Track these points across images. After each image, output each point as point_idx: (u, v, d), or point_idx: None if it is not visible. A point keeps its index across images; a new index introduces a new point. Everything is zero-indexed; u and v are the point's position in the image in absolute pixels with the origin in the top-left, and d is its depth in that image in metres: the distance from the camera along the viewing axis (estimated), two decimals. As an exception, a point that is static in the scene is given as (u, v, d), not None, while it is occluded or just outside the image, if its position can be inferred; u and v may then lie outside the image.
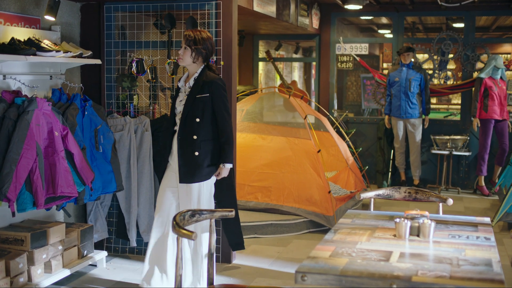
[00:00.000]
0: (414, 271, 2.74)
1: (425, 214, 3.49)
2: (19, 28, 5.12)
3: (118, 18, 6.04)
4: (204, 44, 4.73)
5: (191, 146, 4.71)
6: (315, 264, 2.83)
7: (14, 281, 4.65)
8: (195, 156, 4.71)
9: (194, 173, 4.71)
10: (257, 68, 11.80)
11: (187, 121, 4.73)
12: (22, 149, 4.62)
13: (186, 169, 4.72)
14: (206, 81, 4.73)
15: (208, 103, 4.72)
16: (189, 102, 4.72)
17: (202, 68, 4.80)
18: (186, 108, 4.73)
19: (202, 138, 4.72)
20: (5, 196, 4.52)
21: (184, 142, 4.74)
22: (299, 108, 7.87)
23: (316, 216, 6.93)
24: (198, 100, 4.70)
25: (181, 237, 3.31)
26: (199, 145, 4.71)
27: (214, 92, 4.73)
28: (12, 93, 4.85)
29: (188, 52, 4.72)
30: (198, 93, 4.71)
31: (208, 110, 4.72)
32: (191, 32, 4.74)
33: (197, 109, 4.71)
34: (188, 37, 4.72)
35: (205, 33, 4.79)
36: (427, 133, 9.58)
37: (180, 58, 4.76)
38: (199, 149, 4.71)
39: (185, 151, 4.73)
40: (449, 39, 9.85)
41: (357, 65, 11.05)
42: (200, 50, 4.72)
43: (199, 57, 4.74)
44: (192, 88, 4.75)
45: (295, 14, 9.12)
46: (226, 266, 5.80)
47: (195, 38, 4.70)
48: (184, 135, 4.74)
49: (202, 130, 4.71)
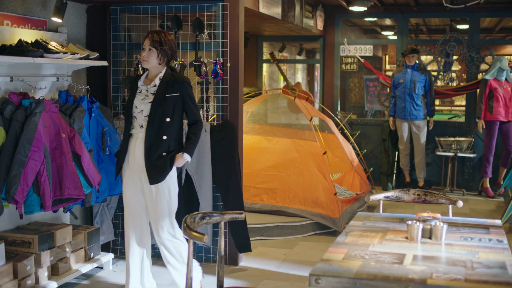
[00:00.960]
0: (428, 273, 2.72)
1: (437, 217, 3.47)
2: (26, 30, 5.11)
3: (124, 19, 6.03)
4: (169, 45, 4.67)
5: (160, 146, 4.59)
6: (328, 266, 2.81)
7: (22, 283, 4.63)
8: (163, 157, 4.60)
9: (163, 172, 4.60)
10: (261, 70, 11.79)
11: (155, 121, 4.60)
12: (30, 151, 4.61)
13: (154, 170, 4.60)
14: (175, 80, 4.65)
15: (179, 102, 4.65)
16: (157, 102, 4.61)
17: (166, 68, 4.74)
18: (154, 108, 4.61)
19: (172, 138, 4.64)
20: (12, 198, 4.51)
21: (151, 143, 4.61)
22: (305, 109, 7.86)
23: (322, 218, 6.91)
24: (169, 99, 4.61)
25: (191, 240, 3.30)
26: (168, 145, 4.62)
27: (184, 90, 4.66)
28: (19, 95, 4.84)
29: (154, 53, 4.64)
30: (168, 92, 4.62)
31: (178, 109, 4.66)
32: (156, 34, 4.65)
33: (168, 108, 4.61)
34: (153, 38, 4.63)
35: (169, 35, 4.73)
36: (431, 135, 9.57)
37: (145, 60, 4.66)
38: (168, 149, 4.62)
39: (153, 152, 4.60)
40: (453, 41, 9.84)
41: (360, 66, 11.04)
42: (166, 51, 4.66)
43: (164, 58, 4.68)
44: (160, 88, 4.65)
45: (300, 15, 9.11)
46: (233, 268, 5.78)
47: (160, 40, 4.63)
48: (151, 135, 4.61)
49: (172, 130, 4.63)
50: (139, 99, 4.68)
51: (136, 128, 4.68)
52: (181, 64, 5.76)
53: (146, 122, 4.62)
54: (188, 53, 5.95)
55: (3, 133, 4.56)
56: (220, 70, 5.67)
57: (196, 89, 5.94)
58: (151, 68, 4.72)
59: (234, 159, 5.68)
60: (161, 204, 4.68)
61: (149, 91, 4.67)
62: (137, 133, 4.68)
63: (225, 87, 5.75)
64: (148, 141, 4.59)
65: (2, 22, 4.89)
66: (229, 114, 5.76)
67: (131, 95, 4.76)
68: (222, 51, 5.73)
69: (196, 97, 5.87)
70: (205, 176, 5.67)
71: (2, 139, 4.55)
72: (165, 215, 4.70)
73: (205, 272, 5.60)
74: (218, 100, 5.80)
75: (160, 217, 4.69)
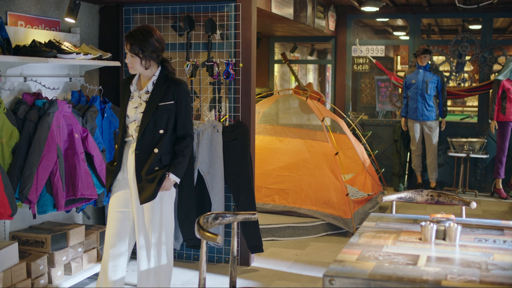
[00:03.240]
0: (443, 275, 2.71)
1: (451, 218, 3.46)
2: (39, 31, 5.13)
3: (136, 20, 6.05)
4: (151, 46, 4.10)
5: (151, 160, 4.13)
6: (342, 267, 2.80)
7: (35, 282, 4.65)
8: (155, 171, 4.14)
9: (154, 189, 4.13)
10: (272, 70, 11.79)
11: (147, 132, 4.14)
12: (43, 151, 4.63)
13: (145, 187, 4.14)
14: (170, 85, 4.18)
15: (173, 111, 4.17)
16: (149, 111, 4.13)
17: (160, 70, 4.24)
18: (146, 118, 4.13)
19: (164, 151, 4.17)
20: (26, 198, 4.53)
21: (142, 157, 4.15)
22: (316, 110, 7.85)
23: (334, 218, 6.90)
24: (162, 108, 4.14)
25: (204, 240, 3.30)
26: (159, 159, 4.15)
27: (179, 98, 4.18)
28: (33, 95, 4.86)
29: (137, 60, 4.13)
30: (161, 100, 4.15)
31: (172, 120, 4.18)
32: (132, 39, 4.09)
33: (161, 119, 4.14)
34: (132, 44, 4.09)
35: (147, 31, 4.12)
36: (444, 136, 9.53)
37: (130, 67, 4.17)
38: (160, 163, 4.15)
39: (143, 167, 4.15)
40: (466, 41, 9.80)
41: (372, 67, 11.01)
42: (149, 55, 4.12)
43: (150, 61, 4.15)
44: (152, 94, 4.17)
45: (312, 16, 9.10)
46: (244, 268, 5.78)
47: (140, 45, 4.08)
48: (142, 148, 4.15)
49: (164, 143, 4.16)
50: (131, 108, 4.23)
51: (129, 136, 4.25)
52: (194, 64, 5.77)
53: (137, 132, 4.18)
54: (200, 53, 5.96)
55: (17, 133, 4.58)
56: (232, 70, 5.67)
57: (208, 89, 5.95)
58: (141, 73, 4.25)
59: (246, 159, 5.68)
60: (149, 224, 4.23)
61: (142, 99, 4.21)
62: (129, 142, 4.25)
63: (237, 88, 5.75)
64: (139, 154, 4.15)
65: (16, 23, 4.92)
66: (241, 114, 5.76)
67: (123, 101, 4.29)
68: (235, 52, 5.73)
69: (208, 97, 5.89)
70: (217, 176, 5.67)
71: (15, 139, 4.57)
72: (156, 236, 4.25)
73: (217, 272, 5.62)
74: (230, 100, 5.80)
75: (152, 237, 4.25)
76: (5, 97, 4.74)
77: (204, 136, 5.66)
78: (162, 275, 4.33)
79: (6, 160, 4.52)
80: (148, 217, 4.23)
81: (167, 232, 4.31)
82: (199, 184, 5.73)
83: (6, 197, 4.20)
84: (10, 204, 4.23)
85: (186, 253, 5.99)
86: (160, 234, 4.27)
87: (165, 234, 4.30)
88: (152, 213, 4.22)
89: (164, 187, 4.17)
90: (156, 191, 4.14)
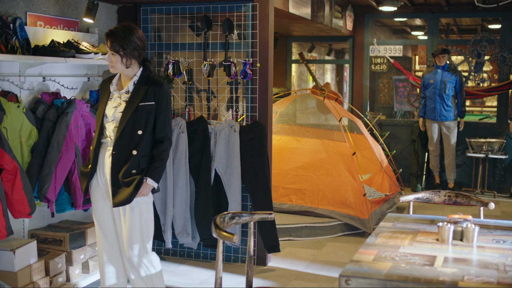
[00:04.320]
0: (459, 276, 2.70)
1: (468, 218, 3.44)
2: (58, 31, 5.17)
3: (154, 20, 6.07)
4: (132, 44, 4.05)
5: (129, 162, 4.04)
6: (358, 268, 2.80)
7: (53, 280, 4.69)
8: (132, 174, 4.04)
9: (131, 193, 4.04)
10: (290, 70, 11.79)
11: (125, 133, 4.04)
12: (61, 151, 4.67)
13: (120, 191, 4.05)
14: (150, 86, 4.10)
15: (152, 112, 4.08)
16: (129, 111, 4.05)
17: (142, 70, 4.19)
18: (125, 118, 4.04)
19: (142, 154, 4.07)
20: (44, 197, 4.58)
21: (119, 158, 4.06)
22: (334, 110, 7.84)
23: (351, 219, 6.89)
24: (142, 109, 4.05)
25: (221, 240, 3.31)
26: (137, 162, 4.05)
27: (160, 99, 4.09)
28: (51, 95, 4.91)
29: (117, 58, 4.07)
30: (142, 100, 4.05)
31: (152, 121, 4.08)
32: (113, 36, 4.05)
33: (140, 119, 4.04)
34: (112, 42, 4.04)
35: (128, 29, 4.08)
36: (462, 136, 9.47)
37: (111, 65, 4.12)
38: (138, 167, 4.05)
39: (120, 169, 4.05)
40: (485, 41, 9.72)
41: (390, 67, 10.97)
42: (130, 53, 4.07)
43: (131, 60, 4.10)
44: (133, 94, 4.09)
45: (330, 16, 9.09)
46: (261, 268, 5.78)
47: (120, 42, 4.02)
48: (120, 149, 4.06)
49: (143, 144, 4.06)
50: (110, 107, 4.14)
51: (106, 137, 4.16)
52: (211, 64, 5.78)
53: (115, 133, 4.09)
54: (217, 53, 5.98)
55: (36, 132, 4.63)
56: (249, 70, 5.68)
57: (225, 89, 5.96)
58: (122, 72, 4.18)
59: (263, 159, 5.68)
60: (130, 229, 4.15)
61: (122, 99, 4.13)
62: (106, 143, 4.16)
63: (254, 87, 5.76)
64: (116, 155, 4.06)
65: (35, 23, 4.96)
66: (258, 114, 5.77)
67: (102, 101, 4.21)
68: (252, 52, 5.74)
69: (225, 97, 5.90)
70: (234, 176, 5.68)
71: (34, 138, 4.62)
72: (137, 241, 4.17)
73: (234, 272, 5.63)
74: (247, 100, 5.81)
75: (132, 243, 4.17)
76: (24, 96, 4.78)
77: (221, 136, 5.67)
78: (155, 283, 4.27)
79: (25, 159, 4.57)
80: (127, 225, 4.15)
81: (149, 240, 4.22)
82: (216, 184, 5.74)
83: (25, 195, 4.24)
84: (29, 202, 4.27)
85: (203, 253, 6.01)
86: (142, 243, 4.18)
87: (147, 242, 4.21)
88: (132, 223, 4.14)
89: (142, 193, 4.08)
90: (132, 196, 4.05)
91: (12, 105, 4.40)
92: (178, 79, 5.99)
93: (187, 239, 5.79)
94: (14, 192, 4.17)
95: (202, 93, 6.03)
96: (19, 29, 4.51)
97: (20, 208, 4.23)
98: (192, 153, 5.74)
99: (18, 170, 4.17)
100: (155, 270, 4.26)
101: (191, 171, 5.75)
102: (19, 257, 4.39)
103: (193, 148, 5.74)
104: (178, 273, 5.64)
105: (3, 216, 4.06)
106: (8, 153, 4.12)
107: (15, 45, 4.42)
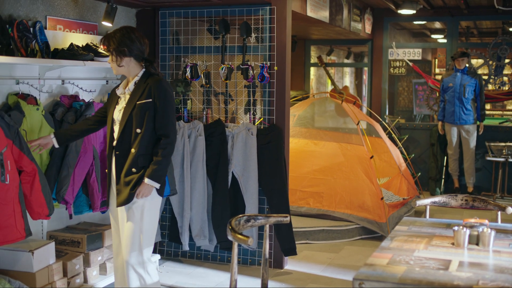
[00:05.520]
0: (474, 280, 2.68)
1: (484, 223, 3.42)
2: (77, 34, 5.22)
3: (172, 23, 6.11)
4: (119, 41, 4.06)
5: (128, 160, 4.05)
6: (372, 271, 2.80)
7: (71, 282, 4.73)
8: (132, 173, 4.05)
9: (129, 192, 4.04)
10: (308, 73, 11.78)
11: (126, 132, 4.08)
12: (80, 153, 4.72)
13: (122, 190, 4.08)
14: (149, 83, 4.08)
15: (151, 109, 4.05)
16: (128, 110, 4.08)
17: (144, 70, 4.18)
18: (124, 117, 4.08)
19: (141, 152, 4.05)
20: (63, 199, 4.63)
21: (121, 157, 4.09)
22: (352, 113, 7.82)
23: (369, 222, 6.87)
24: (139, 106, 4.04)
25: (236, 242, 3.32)
26: (136, 161, 4.04)
27: (157, 95, 4.05)
28: (70, 98, 4.96)
29: (111, 58, 4.14)
30: (139, 98, 4.06)
31: (150, 119, 4.05)
32: (105, 37, 4.12)
33: (138, 117, 4.04)
34: (108, 46, 4.09)
35: (119, 29, 4.11)
36: (481, 140, 9.38)
37: (112, 67, 4.20)
38: (136, 165, 4.04)
39: (122, 168, 4.08)
40: (505, 44, 9.66)
41: (409, 70, 10.93)
42: (117, 49, 4.07)
43: (121, 57, 4.10)
44: (132, 94, 4.11)
45: (348, 19, 9.08)
46: (278, 271, 5.79)
47: (108, 40, 4.09)
48: (122, 148, 4.09)
49: (142, 143, 4.04)
50: (117, 110, 4.20)
51: (115, 140, 4.19)
52: (229, 67, 5.80)
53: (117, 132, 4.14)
54: (235, 56, 5.99)
55: (54, 134, 4.67)
56: (267, 73, 5.69)
57: (243, 92, 5.98)
58: (123, 74, 4.22)
59: (280, 162, 5.69)
60: (129, 229, 4.11)
61: (125, 100, 4.17)
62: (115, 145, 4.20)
63: (272, 91, 5.77)
64: (118, 155, 4.11)
65: (55, 27, 5.01)
66: (275, 117, 5.78)
67: (110, 106, 4.26)
68: (269, 55, 5.75)
69: (243, 100, 5.92)
70: (251, 179, 5.70)
71: (53, 140, 4.66)
72: (134, 247, 4.10)
73: (250, 275, 5.64)
74: (265, 103, 5.82)
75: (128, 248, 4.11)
76: (43, 99, 4.84)
77: (239, 139, 5.69)
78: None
79: (44, 161, 4.62)
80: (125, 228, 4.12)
81: (147, 247, 4.16)
82: (233, 187, 5.76)
83: (44, 197, 4.28)
84: (47, 204, 4.31)
85: (220, 255, 6.03)
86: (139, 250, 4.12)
87: (145, 248, 4.15)
88: (130, 226, 4.10)
89: (141, 193, 4.03)
90: (131, 195, 4.04)
91: (31, 107, 4.46)
92: (196, 82, 6.02)
93: (204, 241, 5.81)
94: (33, 193, 4.22)
95: (220, 96, 6.06)
96: (39, 32, 4.56)
97: (38, 210, 4.27)
98: (210, 156, 5.76)
99: (37, 172, 4.21)
100: (151, 280, 4.17)
101: (209, 174, 5.77)
102: (38, 258, 4.44)
103: (210, 151, 5.76)
104: (195, 276, 5.66)
105: (21, 218, 4.11)
106: (27, 155, 4.17)
107: (35, 49, 4.47)
